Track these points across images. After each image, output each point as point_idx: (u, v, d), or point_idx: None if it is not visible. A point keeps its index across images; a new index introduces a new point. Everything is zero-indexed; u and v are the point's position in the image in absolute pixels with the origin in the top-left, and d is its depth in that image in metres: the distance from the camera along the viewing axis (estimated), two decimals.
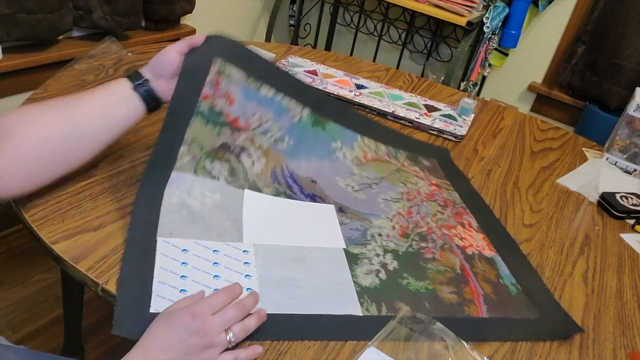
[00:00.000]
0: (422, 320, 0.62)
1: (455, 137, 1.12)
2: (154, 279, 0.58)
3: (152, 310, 0.55)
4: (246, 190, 0.74)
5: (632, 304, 0.75)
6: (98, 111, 0.65)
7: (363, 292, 0.65)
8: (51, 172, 0.64)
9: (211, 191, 0.71)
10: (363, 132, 0.92)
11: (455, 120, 1.17)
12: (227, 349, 0.53)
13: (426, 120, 1.13)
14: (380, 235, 0.76)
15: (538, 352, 0.63)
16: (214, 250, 0.64)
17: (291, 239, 0.71)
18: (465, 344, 0.60)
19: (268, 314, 0.57)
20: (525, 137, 1.22)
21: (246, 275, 0.62)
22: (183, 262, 0.61)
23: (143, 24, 1.72)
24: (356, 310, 0.62)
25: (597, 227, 0.93)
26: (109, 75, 1.01)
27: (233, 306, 0.54)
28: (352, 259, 0.70)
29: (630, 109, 1.12)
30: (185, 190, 0.69)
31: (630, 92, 1.16)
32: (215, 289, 0.58)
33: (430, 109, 1.20)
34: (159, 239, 0.63)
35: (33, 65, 1.39)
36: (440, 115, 1.18)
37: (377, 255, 0.72)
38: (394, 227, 0.79)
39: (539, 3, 2.07)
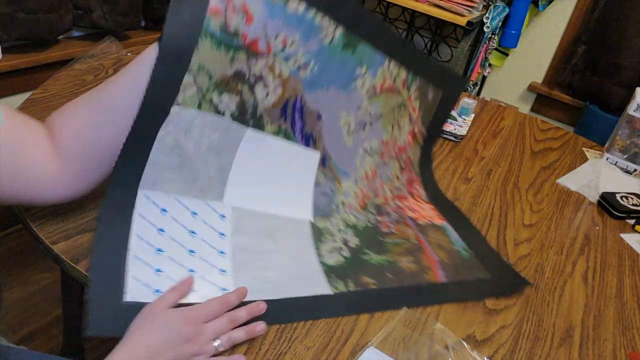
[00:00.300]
0: (422, 321, 0.62)
1: (455, 137, 1.12)
2: (128, 252, 0.54)
3: (127, 298, 0.52)
4: (248, 131, 0.67)
5: (632, 304, 0.75)
6: (130, 84, 0.56)
7: (330, 271, 0.67)
8: (101, 165, 0.57)
9: (211, 129, 0.63)
10: (393, 55, 0.80)
11: (456, 120, 1.17)
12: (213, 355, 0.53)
13: None
14: (343, 204, 0.78)
15: (538, 353, 0.63)
16: (193, 213, 0.61)
17: (267, 201, 0.70)
18: (465, 344, 0.60)
19: (245, 301, 0.57)
20: (526, 137, 1.22)
21: (220, 252, 0.61)
22: (160, 230, 0.58)
23: (143, 23, 1.72)
24: (326, 289, 0.64)
25: (598, 227, 0.93)
26: (108, 75, 1.01)
27: (225, 317, 0.54)
28: (317, 235, 0.71)
29: (631, 109, 1.12)
30: (183, 129, 0.60)
31: (631, 92, 1.16)
32: (190, 270, 0.57)
33: None
34: (140, 192, 0.58)
35: (33, 65, 1.39)
36: None
37: (340, 230, 0.74)
38: (356, 195, 0.80)
39: (539, 3, 2.07)
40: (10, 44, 1.36)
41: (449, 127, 1.13)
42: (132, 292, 0.52)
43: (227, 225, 0.63)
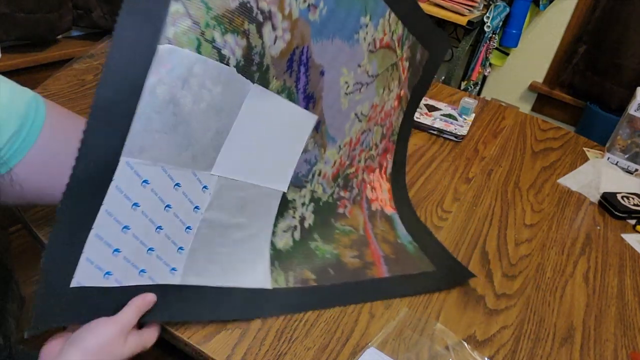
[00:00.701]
0: (422, 321, 0.62)
1: (455, 137, 1.12)
2: (91, 231, 0.47)
3: (74, 283, 0.47)
4: (253, 87, 0.56)
5: (633, 305, 0.75)
6: None
7: (275, 257, 0.65)
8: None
9: (214, 81, 0.51)
10: (393, 5, 0.76)
11: (456, 120, 1.16)
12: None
13: (426, 120, 1.13)
14: (319, 173, 0.74)
15: (539, 353, 0.63)
16: (176, 185, 0.52)
17: (254, 169, 0.61)
18: (465, 344, 0.60)
19: (182, 286, 0.55)
20: (526, 137, 1.22)
21: (187, 228, 0.55)
22: (134, 204, 0.49)
23: None
24: (266, 281, 0.62)
25: (598, 227, 0.93)
26: None
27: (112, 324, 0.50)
28: (282, 209, 0.67)
29: (632, 109, 1.12)
30: (180, 78, 0.48)
31: (632, 92, 1.16)
32: (149, 248, 0.52)
33: (431, 108, 1.20)
34: (123, 160, 0.47)
35: (32, 65, 1.39)
36: (441, 115, 1.17)
37: (303, 204, 0.71)
38: (334, 163, 0.77)
39: (540, 2, 2.07)
40: (10, 43, 1.36)
41: (449, 127, 1.12)
42: (81, 275, 0.47)
43: (206, 197, 0.56)
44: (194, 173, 0.53)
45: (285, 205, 0.68)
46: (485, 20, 1.96)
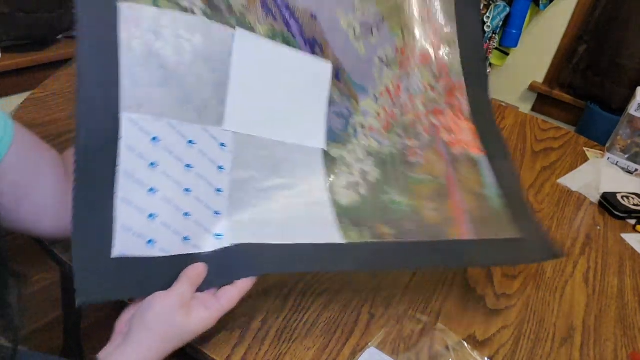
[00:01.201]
0: (422, 321, 0.62)
1: None
2: (116, 196, 0.45)
3: (116, 253, 0.44)
4: (238, 30, 0.53)
5: (633, 305, 0.75)
6: None
7: (342, 214, 0.58)
8: None
9: (188, 30, 0.49)
10: None
11: None
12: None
13: None
14: (362, 126, 0.65)
15: (539, 353, 0.63)
16: (189, 142, 0.50)
17: (273, 124, 0.58)
18: (465, 344, 0.60)
19: (239, 245, 0.51)
20: (527, 137, 1.22)
21: (217, 190, 0.52)
22: (151, 164, 0.47)
23: None
24: (336, 237, 0.55)
25: (599, 228, 0.93)
26: None
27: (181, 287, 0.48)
28: (331, 166, 0.60)
29: (632, 109, 1.12)
30: (149, 30, 0.47)
31: (632, 92, 1.16)
32: (185, 213, 0.49)
33: None
34: (124, 116, 0.45)
35: (32, 64, 1.39)
36: None
37: (358, 159, 0.63)
38: (378, 115, 0.68)
39: (540, 2, 2.07)
40: (10, 43, 1.36)
41: None
42: (122, 245, 0.45)
43: (227, 155, 0.53)
44: (205, 129, 0.51)
45: (333, 163, 0.61)
46: (485, 20, 1.96)
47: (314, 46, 0.60)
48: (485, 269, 0.75)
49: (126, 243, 0.45)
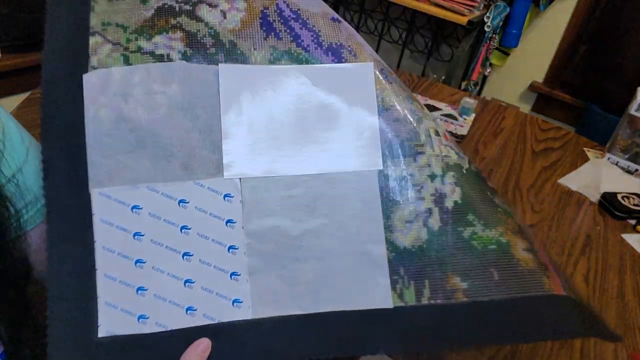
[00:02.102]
0: None
1: (456, 137, 1.11)
2: (97, 271, 0.41)
3: (102, 333, 0.40)
4: (221, 65, 0.46)
5: (633, 305, 0.75)
6: None
7: (399, 262, 0.44)
8: None
9: (163, 82, 0.45)
10: None
11: (456, 120, 1.16)
12: None
13: None
14: (437, 134, 0.48)
15: (539, 353, 0.63)
16: (180, 202, 0.44)
17: (300, 153, 0.46)
18: None
19: (256, 320, 0.43)
20: (527, 137, 1.22)
21: (230, 247, 0.44)
22: (136, 234, 0.43)
23: None
24: (384, 299, 0.43)
25: (599, 228, 0.92)
26: None
27: None
28: (391, 192, 0.46)
29: (632, 109, 1.12)
30: (118, 94, 0.44)
31: (632, 92, 1.16)
32: (186, 280, 0.43)
33: (431, 108, 1.20)
34: (94, 192, 0.42)
35: (32, 64, 1.39)
36: (441, 115, 1.17)
37: (433, 176, 0.46)
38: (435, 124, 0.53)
39: (540, 2, 2.07)
40: (10, 43, 1.36)
41: (449, 127, 1.12)
42: (108, 323, 0.40)
43: (236, 206, 0.45)
44: (198, 184, 0.45)
45: (395, 187, 0.46)
46: (485, 20, 1.96)
47: (340, 52, 0.49)
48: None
49: (112, 321, 0.41)
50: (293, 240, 0.45)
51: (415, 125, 0.47)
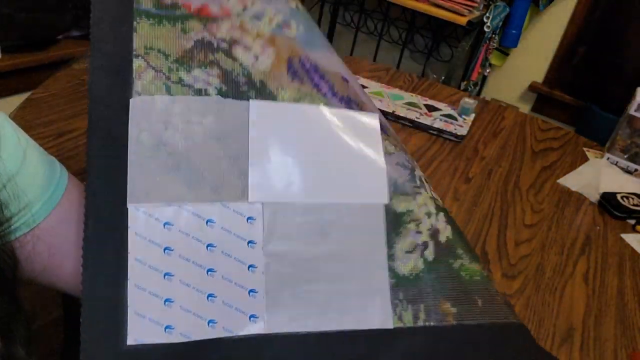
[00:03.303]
0: None
1: (455, 137, 1.12)
2: (128, 282, 0.44)
3: (130, 341, 0.43)
4: (251, 102, 0.52)
5: (633, 305, 0.75)
6: None
7: (399, 287, 0.50)
8: None
9: (200, 114, 0.50)
10: None
11: (456, 120, 1.17)
12: None
13: (426, 120, 1.13)
14: (428, 182, 0.57)
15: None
16: (208, 221, 0.48)
17: (316, 184, 0.52)
18: None
19: (270, 335, 0.46)
20: (526, 137, 1.22)
21: (249, 267, 0.48)
22: (166, 248, 0.46)
23: None
24: (386, 320, 0.49)
25: (598, 228, 0.93)
26: None
27: None
28: (394, 224, 0.52)
29: (632, 109, 1.12)
30: (160, 121, 0.48)
31: (632, 92, 1.16)
32: (209, 295, 0.47)
33: (431, 108, 1.20)
34: (130, 207, 0.46)
35: (32, 65, 1.39)
36: (441, 115, 1.17)
37: (428, 214, 0.54)
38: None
39: (540, 2, 2.07)
40: (10, 43, 1.36)
41: (449, 127, 1.12)
42: (136, 331, 0.43)
43: (257, 229, 0.49)
44: (225, 205, 0.49)
45: (398, 220, 0.53)
46: (485, 20, 1.96)
47: (350, 103, 0.56)
48: (485, 270, 0.75)
49: (141, 330, 0.43)
50: (307, 262, 0.49)
51: (411, 171, 0.55)
